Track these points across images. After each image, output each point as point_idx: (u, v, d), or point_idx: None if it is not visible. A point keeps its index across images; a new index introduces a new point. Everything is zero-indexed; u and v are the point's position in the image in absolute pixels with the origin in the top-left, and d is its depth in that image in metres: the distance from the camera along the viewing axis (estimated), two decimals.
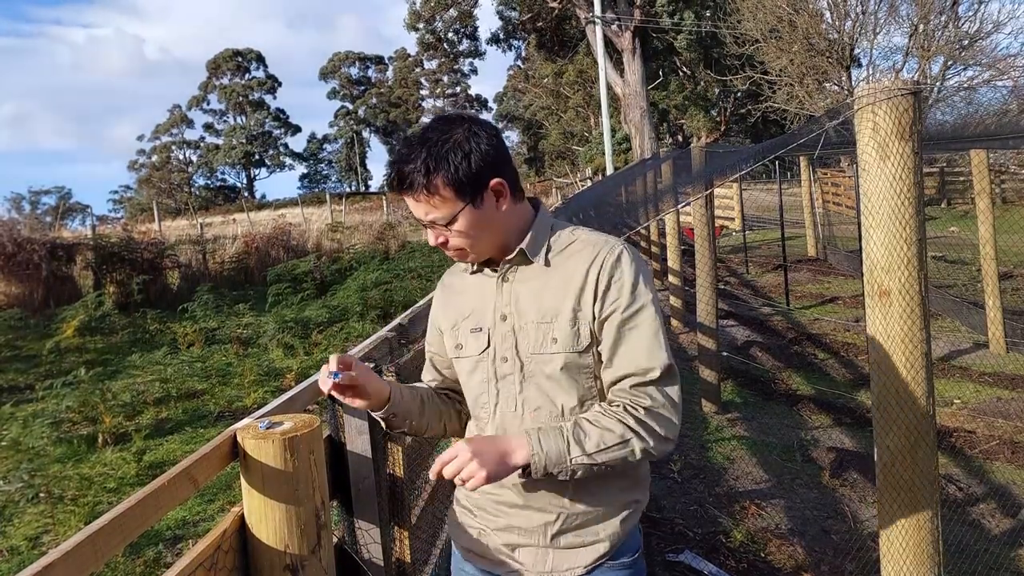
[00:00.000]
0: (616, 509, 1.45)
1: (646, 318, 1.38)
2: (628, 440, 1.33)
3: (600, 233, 1.46)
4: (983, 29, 18.59)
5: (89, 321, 10.76)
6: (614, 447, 1.32)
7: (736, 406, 5.93)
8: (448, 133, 1.36)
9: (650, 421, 1.35)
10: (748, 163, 4.77)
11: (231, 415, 6.62)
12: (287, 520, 1.45)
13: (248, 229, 19.40)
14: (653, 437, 1.34)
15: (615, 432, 1.33)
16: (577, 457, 1.31)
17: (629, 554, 1.48)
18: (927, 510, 1.93)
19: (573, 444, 1.32)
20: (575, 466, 1.32)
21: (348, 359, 1.43)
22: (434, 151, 1.34)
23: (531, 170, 50.31)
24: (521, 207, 1.46)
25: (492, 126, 1.43)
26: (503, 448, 1.32)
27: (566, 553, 1.45)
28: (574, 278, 1.39)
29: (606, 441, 1.32)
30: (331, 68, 66.40)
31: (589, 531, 1.44)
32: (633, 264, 1.40)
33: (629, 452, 1.33)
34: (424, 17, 34.31)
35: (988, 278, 7.07)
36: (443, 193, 1.35)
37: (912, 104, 1.85)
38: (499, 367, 1.46)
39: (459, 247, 1.42)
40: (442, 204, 1.36)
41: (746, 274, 12.29)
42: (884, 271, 1.88)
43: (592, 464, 1.32)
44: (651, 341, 1.37)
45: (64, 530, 4.47)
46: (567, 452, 1.31)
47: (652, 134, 27.57)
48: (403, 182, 1.36)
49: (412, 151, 1.35)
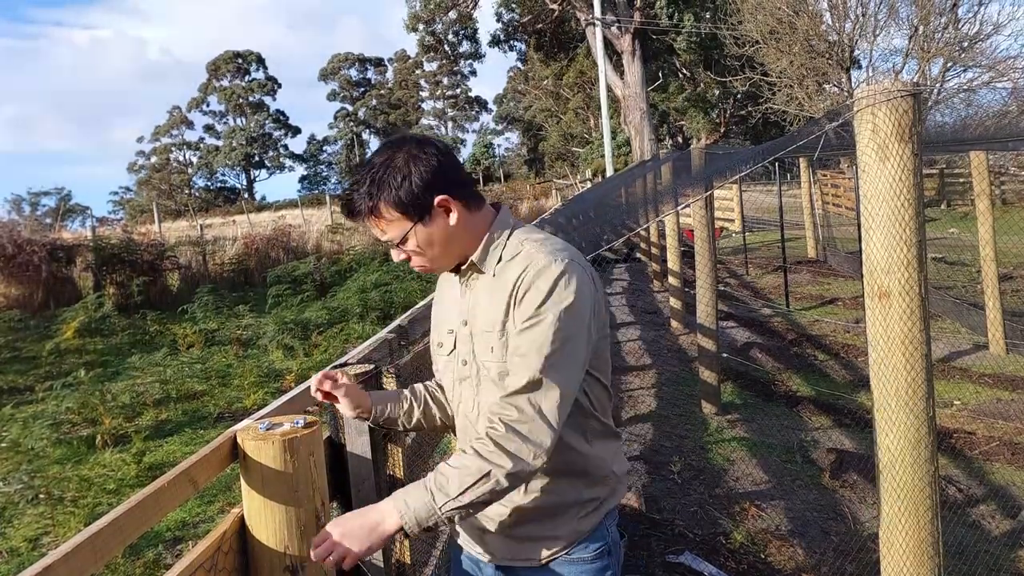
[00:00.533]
0: (572, 508, 1.49)
1: (538, 330, 1.37)
2: (487, 473, 1.33)
3: (548, 244, 1.46)
4: (983, 31, 18.60)
5: (89, 322, 10.76)
6: (476, 484, 1.33)
7: (736, 407, 5.93)
8: (390, 158, 1.44)
9: (508, 443, 1.34)
10: (748, 164, 4.77)
11: (231, 416, 6.62)
12: (287, 521, 1.45)
13: (248, 230, 19.40)
14: (513, 460, 1.33)
15: (471, 468, 1.33)
16: (445, 504, 1.33)
17: (592, 548, 1.51)
18: (927, 511, 1.93)
19: (437, 493, 1.33)
20: (448, 512, 1.33)
21: (333, 374, 1.61)
22: (376, 177, 1.42)
23: (531, 172, 50.33)
24: (479, 216, 1.50)
25: (439, 145, 1.48)
26: (370, 521, 1.36)
27: (524, 545, 1.51)
28: (507, 289, 1.43)
29: (465, 481, 1.33)
30: (331, 70, 66.42)
31: (546, 526, 1.50)
32: (555, 279, 1.38)
33: (494, 483, 1.33)
34: (424, 19, 34.30)
35: (988, 279, 7.07)
36: (389, 215, 1.43)
37: (912, 106, 1.85)
38: (460, 369, 1.54)
39: (420, 264, 1.50)
40: (391, 225, 1.44)
41: (746, 275, 12.29)
42: (884, 272, 1.88)
43: (463, 506, 1.33)
44: (530, 351, 1.37)
45: (64, 531, 4.47)
46: (433, 502, 1.33)
47: (652, 136, 27.59)
48: (351, 210, 1.47)
49: (357, 179, 1.45)
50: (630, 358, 7.29)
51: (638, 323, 8.83)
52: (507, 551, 1.54)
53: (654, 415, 5.62)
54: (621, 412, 5.71)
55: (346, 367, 1.97)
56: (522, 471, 1.34)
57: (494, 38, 35.45)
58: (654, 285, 11.58)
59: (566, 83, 40.18)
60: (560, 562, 1.51)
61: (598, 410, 1.52)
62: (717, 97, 35.43)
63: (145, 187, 61.44)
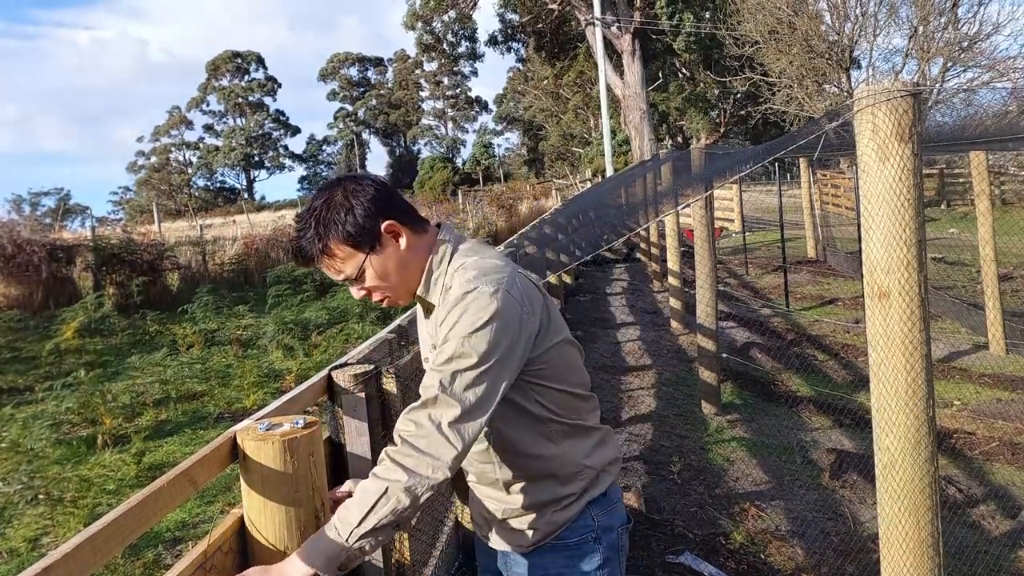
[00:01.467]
0: (548, 504, 1.57)
1: (444, 352, 1.39)
2: (385, 491, 1.33)
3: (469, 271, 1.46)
4: (983, 31, 18.62)
5: (89, 323, 10.75)
6: (376, 505, 1.33)
7: (736, 407, 5.93)
8: (328, 197, 1.47)
9: (404, 458, 1.35)
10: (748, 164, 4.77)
11: (231, 417, 6.62)
12: (287, 522, 1.45)
13: (248, 230, 19.40)
14: (408, 474, 1.34)
15: (370, 491, 1.34)
16: (350, 534, 1.33)
17: (575, 535, 1.59)
18: (927, 511, 1.93)
19: (341, 526, 1.33)
20: (359, 542, 1.33)
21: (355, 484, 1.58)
22: (320, 217, 1.46)
23: (531, 172, 50.31)
24: (425, 238, 1.54)
25: (373, 178, 1.54)
26: (287, 568, 1.34)
27: (515, 532, 1.61)
28: (439, 320, 1.46)
29: (365, 503, 1.33)
30: (331, 69, 66.42)
31: (527, 519, 1.59)
32: (464, 306, 1.39)
33: (395, 501, 1.33)
34: (423, 17, 34.29)
35: (988, 279, 7.07)
36: (340, 252, 1.47)
37: (912, 106, 1.85)
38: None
39: (382, 296, 1.53)
40: (345, 262, 1.48)
41: (746, 275, 12.28)
42: (884, 272, 1.88)
43: (369, 531, 1.33)
44: (435, 371, 1.39)
45: (63, 532, 4.47)
46: (339, 536, 1.33)
47: (652, 136, 27.59)
48: (304, 256, 1.49)
49: (302, 224, 1.48)
50: (630, 358, 7.29)
51: (638, 323, 8.84)
52: (500, 538, 1.64)
53: (654, 415, 5.62)
54: (621, 412, 5.71)
55: (346, 367, 1.98)
56: (419, 484, 1.34)
57: (491, 38, 35.46)
58: (654, 285, 11.58)
59: (566, 83, 40.18)
60: (546, 548, 1.60)
61: (560, 414, 1.55)
62: (717, 97, 35.43)
63: (145, 187, 61.45)
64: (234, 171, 63.63)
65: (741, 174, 6.46)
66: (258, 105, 62.79)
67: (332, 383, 1.94)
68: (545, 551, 1.61)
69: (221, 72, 62.09)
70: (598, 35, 24.83)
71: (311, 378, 1.99)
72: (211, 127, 63.48)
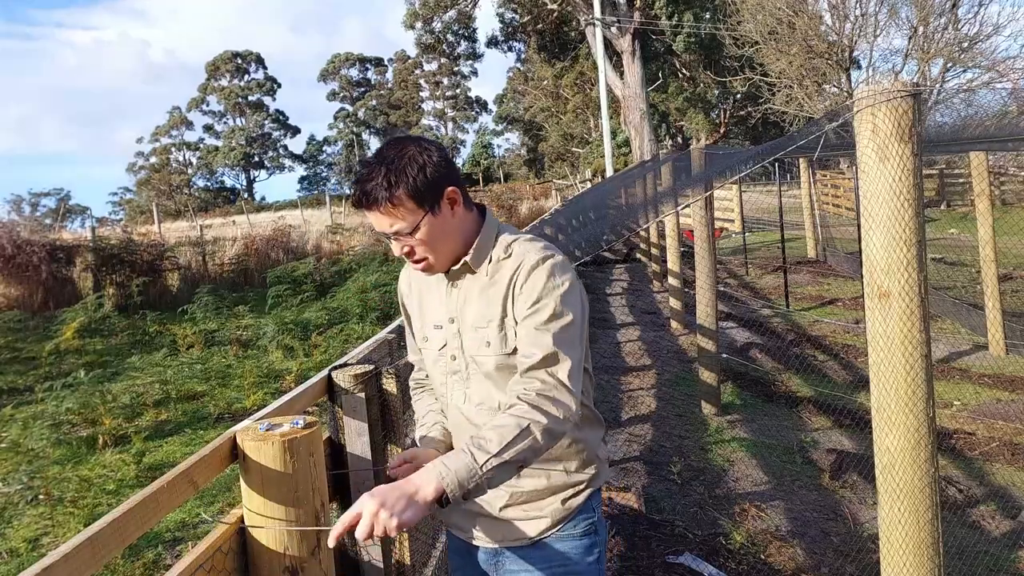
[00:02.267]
0: (559, 489, 1.59)
1: (542, 313, 1.48)
2: (526, 427, 1.39)
3: (537, 243, 1.57)
4: (983, 31, 18.63)
5: (89, 323, 10.74)
6: (516, 438, 1.38)
7: (736, 408, 5.92)
8: (403, 150, 1.50)
9: (541, 403, 1.43)
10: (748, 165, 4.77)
11: (231, 417, 6.61)
12: (287, 522, 1.45)
13: (248, 231, 19.39)
14: (548, 417, 1.41)
15: (510, 425, 1.39)
16: (486, 462, 1.36)
17: (580, 525, 1.61)
18: (927, 512, 1.93)
19: (478, 452, 1.37)
20: (489, 472, 1.37)
21: (408, 455, 1.62)
22: (393, 167, 1.48)
23: (531, 172, 50.32)
24: (472, 215, 1.60)
25: (439, 143, 1.58)
26: (409, 489, 1.34)
27: (512, 525, 1.60)
28: (502, 287, 1.53)
29: (505, 436, 1.38)
30: (331, 70, 66.42)
31: (533, 507, 1.59)
32: (549, 269, 1.50)
33: (532, 438, 1.39)
34: (423, 17, 34.28)
35: (988, 280, 7.07)
36: (406, 204, 1.48)
37: (912, 106, 1.85)
38: (450, 363, 1.62)
39: (422, 256, 1.54)
40: (405, 215, 1.49)
41: (746, 276, 12.28)
42: (884, 273, 1.88)
43: (504, 462, 1.37)
44: (540, 331, 1.47)
45: (63, 532, 4.47)
46: (475, 461, 1.36)
47: (652, 136, 27.57)
48: (368, 198, 1.49)
49: (371, 170, 1.48)
50: (630, 358, 7.29)
51: (638, 323, 8.83)
52: (497, 533, 1.62)
53: (654, 416, 5.62)
54: (621, 412, 5.71)
55: (346, 367, 1.98)
56: (556, 429, 1.43)
57: (491, 39, 35.46)
58: (654, 285, 11.58)
59: (566, 83, 40.18)
60: (551, 539, 1.59)
61: (586, 396, 1.59)
62: (717, 97, 35.44)
63: (144, 187, 61.41)
64: (234, 171, 63.63)
65: (741, 174, 6.46)
66: (258, 105, 62.78)
67: (332, 383, 1.94)
68: (548, 543, 1.60)
69: (221, 72, 62.08)
70: (598, 35, 24.83)
71: (311, 378, 1.99)
72: (211, 127, 63.52)
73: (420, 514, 1.34)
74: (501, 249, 1.56)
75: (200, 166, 62.79)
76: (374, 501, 1.31)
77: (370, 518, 1.30)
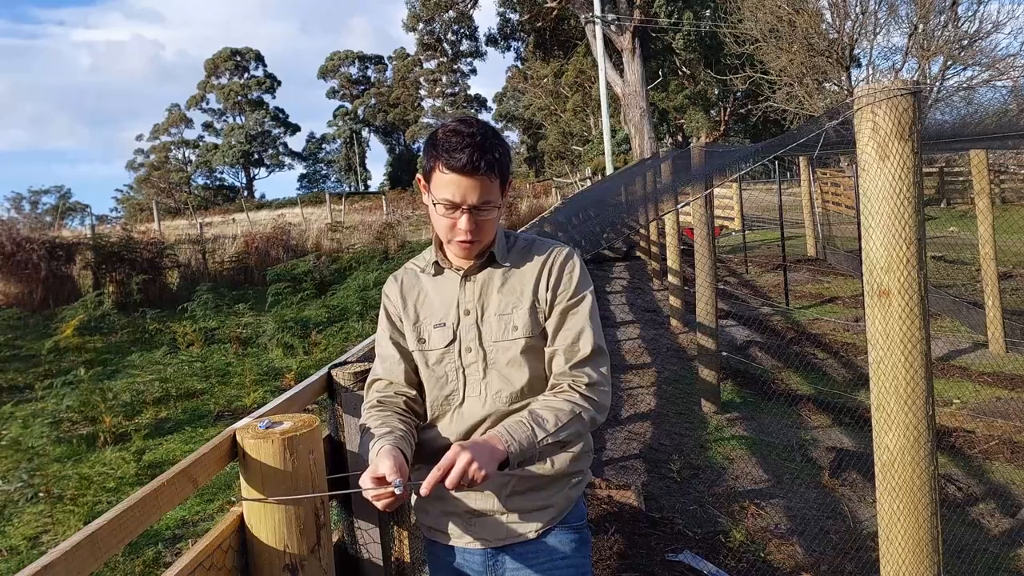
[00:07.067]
0: (565, 477, 1.62)
1: (584, 307, 1.61)
2: (578, 414, 1.53)
3: (553, 240, 1.73)
4: (982, 29, 18.61)
5: (88, 321, 10.75)
6: (569, 422, 1.51)
7: (736, 406, 5.93)
8: (496, 133, 1.59)
9: (591, 394, 1.56)
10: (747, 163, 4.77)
11: (231, 415, 6.62)
12: (286, 520, 1.45)
13: (247, 229, 19.40)
14: (595, 408, 1.56)
15: (566, 410, 1.52)
16: (543, 438, 1.48)
17: (576, 520, 1.66)
18: (926, 510, 1.93)
19: (537, 428, 1.47)
20: (543, 447, 1.48)
21: (405, 469, 1.44)
22: (503, 145, 1.59)
23: (531, 170, 50.31)
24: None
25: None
26: (489, 446, 1.43)
27: (518, 521, 1.60)
28: (531, 274, 1.62)
29: (561, 419, 1.50)
30: (330, 67, 66.36)
31: (539, 496, 1.60)
32: (579, 264, 1.65)
33: (582, 424, 1.54)
34: (423, 18, 34.27)
35: (987, 278, 7.07)
36: (498, 180, 1.57)
37: (912, 104, 1.85)
38: (464, 357, 1.63)
39: (477, 236, 1.57)
40: (495, 190, 1.57)
41: (746, 274, 12.29)
42: (884, 271, 1.88)
43: (556, 441, 1.50)
44: (586, 326, 1.60)
45: (63, 530, 4.47)
46: (535, 436, 1.46)
47: (652, 134, 27.55)
48: (486, 165, 1.52)
49: (490, 141, 1.54)
50: (629, 357, 7.29)
51: (637, 321, 8.84)
52: (499, 532, 1.60)
53: (653, 413, 5.63)
54: (620, 410, 5.71)
55: (346, 365, 1.98)
56: (597, 419, 1.58)
57: (491, 37, 35.43)
58: (653, 283, 11.58)
59: (565, 81, 40.17)
60: (554, 533, 1.62)
61: None
62: (717, 95, 35.42)
63: (144, 185, 61.36)
64: (233, 169, 63.56)
65: (741, 172, 6.46)
66: (257, 103, 62.71)
67: (332, 381, 1.94)
68: (553, 536, 1.61)
69: (220, 70, 62.02)
70: (598, 33, 24.81)
71: (311, 376, 1.99)
72: (211, 125, 63.45)
73: (493, 473, 1.41)
74: (521, 242, 1.67)
75: (200, 164, 62.73)
76: (468, 453, 1.37)
77: (464, 466, 1.36)
